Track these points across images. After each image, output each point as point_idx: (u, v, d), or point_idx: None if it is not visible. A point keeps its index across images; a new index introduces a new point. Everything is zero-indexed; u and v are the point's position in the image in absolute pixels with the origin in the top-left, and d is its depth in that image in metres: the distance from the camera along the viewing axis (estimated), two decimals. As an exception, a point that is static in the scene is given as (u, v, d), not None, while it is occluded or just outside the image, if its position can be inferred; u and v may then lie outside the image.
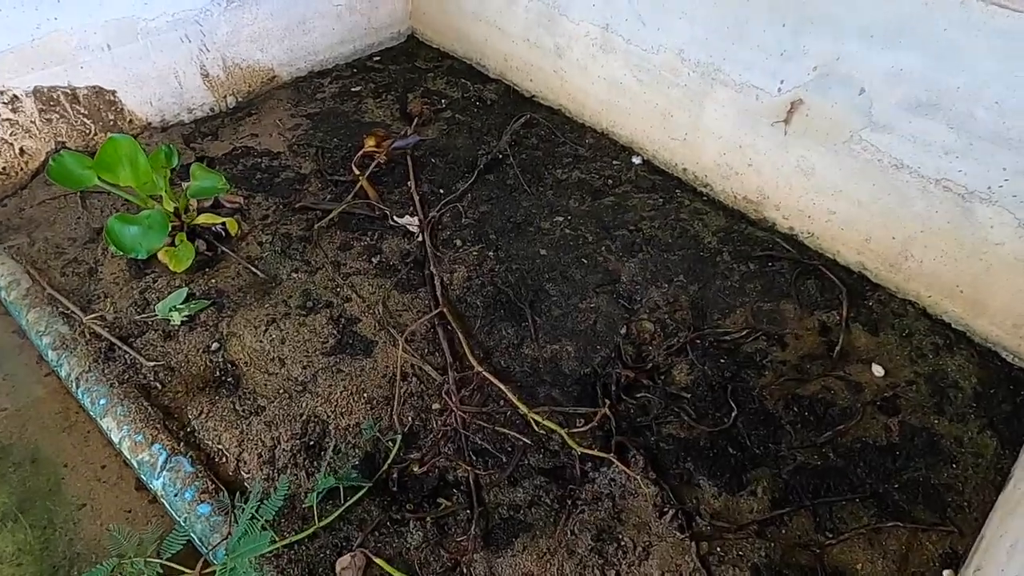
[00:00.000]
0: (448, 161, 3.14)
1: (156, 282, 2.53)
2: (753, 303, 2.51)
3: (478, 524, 1.88)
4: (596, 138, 3.29)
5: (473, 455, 2.05)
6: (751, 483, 2.00)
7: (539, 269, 2.63)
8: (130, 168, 2.40)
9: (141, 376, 2.24)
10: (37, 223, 2.74)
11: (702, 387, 2.23)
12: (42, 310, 2.40)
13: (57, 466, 2.10)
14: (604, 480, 2.00)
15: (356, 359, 2.30)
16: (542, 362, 2.31)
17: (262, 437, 2.07)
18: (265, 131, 3.28)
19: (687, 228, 2.81)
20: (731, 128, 2.73)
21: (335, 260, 2.65)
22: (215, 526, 1.87)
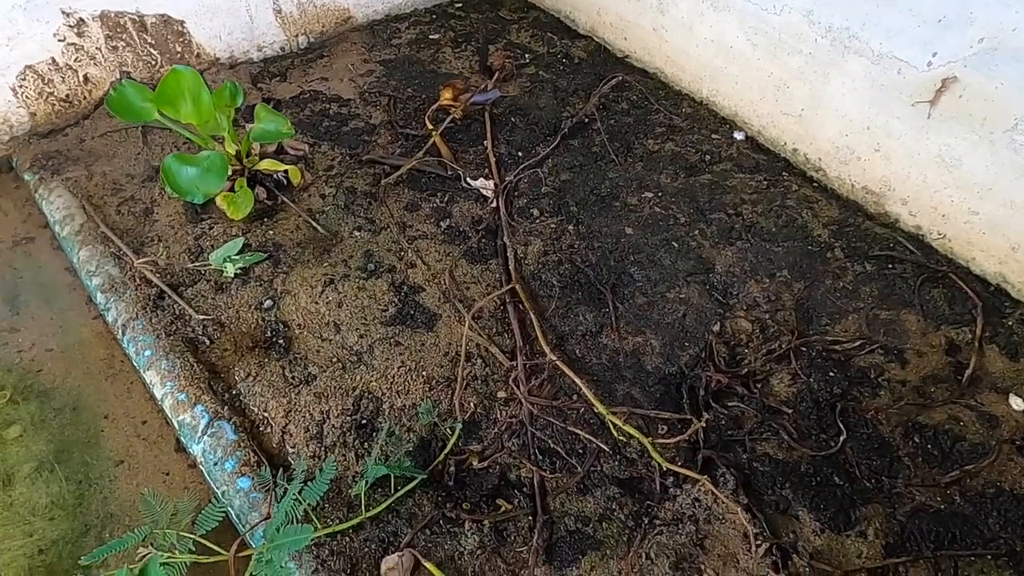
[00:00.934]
0: (529, 122, 2.86)
1: (212, 229, 2.37)
2: (869, 309, 2.19)
3: (541, 534, 1.67)
4: (694, 107, 2.96)
5: (539, 454, 1.83)
6: (860, 522, 1.72)
7: (623, 249, 2.36)
8: (192, 104, 2.21)
9: (189, 329, 2.08)
10: (96, 156, 2.61)
11: (806, 402, 1.94)
12: (94, 249, 2.27)
13: (97, 417, 1.98)
14: (687, 499, 1.75)
15: (417, 332, 2.09)
16: (622, 355, 2.06)
17: (311, 409, 1.89)
18: (336, 75, 3.07)
19: (794, 217, 2.48)
20: (860, 106, 2.36)
21: (401, 221, 2.43)
22: (254, 503, 1.70)
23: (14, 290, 2.27)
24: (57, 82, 2.64)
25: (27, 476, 1.84)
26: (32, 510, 1.78)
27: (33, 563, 1.69)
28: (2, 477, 1.84)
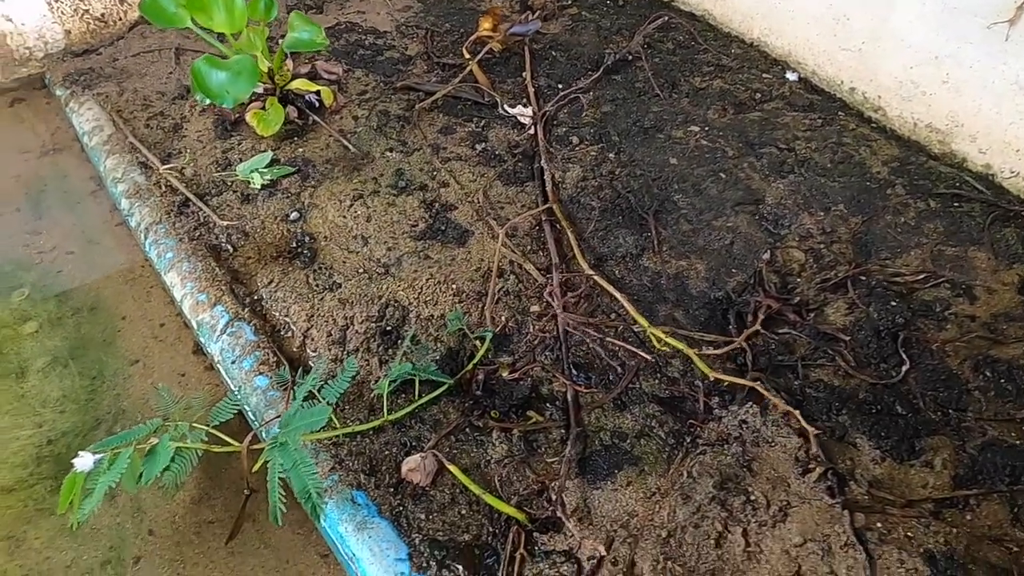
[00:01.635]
0: (570, 57, 2.75)
1: (241, 144, 2.30)
2: (933, 245, 2.03)
3: (574, 446, 1.54)
4: (743, 49, 2.82)
5: (574, 369, 1.71)
6: (926, 452, 1.56)
7: (667, 178, 2.23)
8: (225, 11, 2.15)
9: (212, 236, 2.01)
10: (128, 74, 2.56)
11: (865, 331, 1.79)
12: (121, 157, 2.22)
13: (115, 318, 1.91)
14: (732, 420, 1.61)
15: (447, 247, 1.99)
16: (665, 278, 1.93)
17: (334, 315, 1.80)
18: (373, 9, 2.99)
19: (850, 153, 2.32)
20: (928, 33, 2.20)
21: (435, 143, 2.33)
22: (271, 402, 1.61)
23: (39, 196, 2.23)
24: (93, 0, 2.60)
25: (40, 370, 1.78)
26: (43, 402, 1.71)
27: (41, 452, 1.62)
28: (15, 369, 1.77)
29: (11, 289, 1.95)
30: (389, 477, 1.50)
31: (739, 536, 1.42)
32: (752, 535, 1.43)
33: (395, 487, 1.49)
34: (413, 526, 1.43)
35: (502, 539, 1.41)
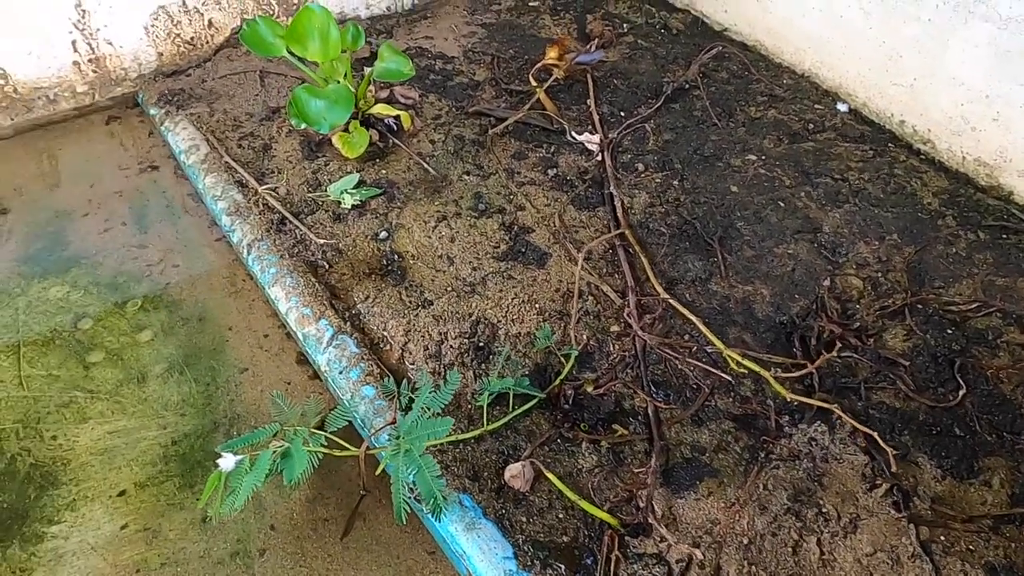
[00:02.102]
0: (631, 85, 2.90)
1: (328, 165, 2.46)
2: (984, 275, 2.15)
3: (658, 458, 1.68)
4: (795, 79, 2.95)
5: (653, 386, 1.85)
6: (983, 472, 1.69)
7: (729, 205, 2.36)
8: (320, 41, 2.30)
9: (310, 253, 2.17)
10: (217, 95, 2.73)
11: (923, 357, 1.92)
12: (219, 176, 2.38)
13: (222, 328, 2.07)
14: (802, 438, 1.75)
15: (528, 268, 2.13)
16: (732, 302, 2.07)
17: (429, 330, 1.95)
18: (440, 35, 3.15)
19: (902, 185, 2.45)
20: (981, 74, 2.33)
21: (509, 168, 2.48)
22: (379, 410, 1.76)
23: (141, 211, 2.39)
24: (184, 24, 2.77)
25: (159, 376, 1.94)
26: (165, 405, 1.87)
27: (168, 452, 1.78)
28: (137, 375, 1.93)
29: (125, 300, 2.12)
30: (491, 482, 1.64)
31: (814, 545, 1.56)
32: (826, 544, 1.56)
33: (497, 492, 1.63)
34: (516, 528, 1.57)
35: (597, 542, 1.56)
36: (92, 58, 2.63)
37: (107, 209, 2.39)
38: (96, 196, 2.43)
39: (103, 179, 2.50)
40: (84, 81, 2.67)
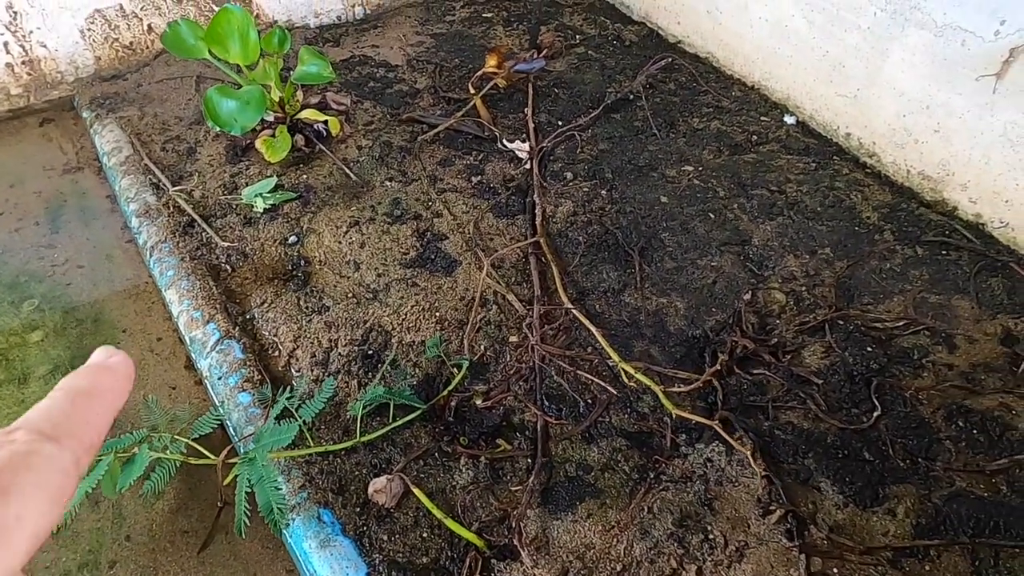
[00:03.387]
0: (573, 95, 2.83)
1: (249, 169, 2.41)
2: (917, 292, 2.03)
3: (538, 476, 1.58)
4: (744, 91, 2.87)
5: (546, 400, 1.75)
6: (889, 499, 1.57)
7: (656, 216, 2.27)
8: (240, 43, 2.27)
9: (214, 256, 2.11)
10: (150, 99, 2.71)
11: (839, 376, 1.80)
12: (135, 178, 2.34)
13: (116, 330, 2.01)
14: (698, 459, 1.63)
15: (435, 276, 2.05)
16: (644, 314, 1.97)
17: (319, 337, 1.87)
18: (387, 44, 3.12)
19: (842, 198, 2.35)
20: (919, 83, 2.24)
21: (433, 174, 2.42)
22: (251, 418, 1.68)
23: (57, 211, 2.36)
24: (123, 29, 2.76)
25: (41, 377, 1.88)
26: (41, 408, 1.80)
27: (34, 456, 1.70)
28: (19, 375, 1.87)
29: (23, 299, 2.07)
30: (357, 497, 1.55)
31: (693, 574, 1.44)
32: (707, 573, 1.44)
33: (361, 507, 1.53)
34: (375, 546, 1.48)
35: (459, 564, 1.45)
36: (25, 60, 2.63)
37: (22, 209, 2.35)
38: (14, 196, 2.40)
39: (25, 180, 2.47)
40: (18, 84, 2.67)
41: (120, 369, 0.32)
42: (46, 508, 0.27)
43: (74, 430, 0.29)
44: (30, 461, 0.27)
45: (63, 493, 0.27)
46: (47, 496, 0.27)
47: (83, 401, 0.31)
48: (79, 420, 0.30)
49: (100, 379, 0.32)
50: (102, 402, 0.31)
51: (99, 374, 0.33)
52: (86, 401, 0.31)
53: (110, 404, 0.31)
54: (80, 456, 0.29)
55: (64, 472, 0.28)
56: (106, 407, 0.31)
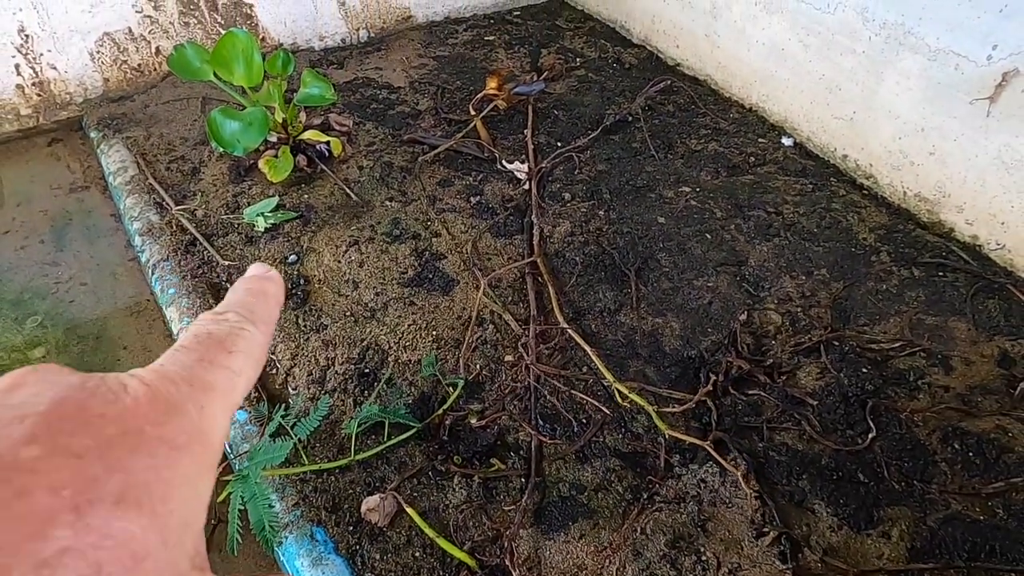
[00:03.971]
0: (572, 116, 2.87)
1: (251, 189, 2.45)
2: (913, 314, 2.04)
3: (532, 496, 1.58)
4: (742, 113, 2.90)
5: (540, 419, 1.75)
6: (884, 522, 1.56)
7: (653, 236, 2.29)
8: (244, 66, 2.32)
9: (214, 274, 2.13)
10: (157, 120, 2.76)
11: (834, 397, 1.80)
12: (139, 197, 2.38)
13: (116, 347, 2.03)
14: (692, 479, 1.63)
15: (432, 295, 2.07)
16: (640, 334, 1.98)
17: (317, 355, 1.89)
18: (390, 66, 3.17)
19: (838, 219, 2.36)
20: (914, 106, 2.26)
21: (432, 194, 2.45)
22: (247, 435, 1.69)
23: (63, 229, 2.39)
24: (131, 51, 2.82)
25: (42, 393, 1.89)
26: (41, 424, 1.82)
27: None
28: (19, 392, 1.89)
29: (26, 316, 2.09)
30: (350, 516, 1.55)
31: (686, 596, 1.43)
32: (699, 596, 1.44)
33: (355, 526, 1.54)
34: (367, 565, 1.48)
35: (451, 584, 1.45)
36: (36, 82, 2.69)
37: (29, 227, 2.39)
38: (21, 214, 2.44)
39: (33, 198, 2.51)
40: (28, 104, 2.72)
41: (277, 278, 0.41)
42: (252, 374, 0.34)
43: (262, 318, 0.37)
44: (243, 334, 0.35)
45: (260, 365, 0.36)
46: (253, 363, 0.35)
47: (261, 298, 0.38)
48: (263, 311, 0.38)
49: (266, 284, 0.40)
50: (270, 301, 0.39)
51: (264, 281, 0.40)
52: (263, 299, 0.38)
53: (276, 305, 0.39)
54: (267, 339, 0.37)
55: (262, 347, 0.36)
56: (273, 306, 0.39)
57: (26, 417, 0.25)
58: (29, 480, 0.23)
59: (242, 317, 0.36)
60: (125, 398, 0.28)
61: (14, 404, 0.26)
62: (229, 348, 0.33)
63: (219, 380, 0.32)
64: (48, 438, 0.25)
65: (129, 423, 0.27)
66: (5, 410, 0.26)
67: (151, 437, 0.27)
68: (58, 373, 0.28)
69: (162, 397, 0.29)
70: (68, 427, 0.25)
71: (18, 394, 0.27)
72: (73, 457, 0.24)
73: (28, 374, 0.28)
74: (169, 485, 0.27)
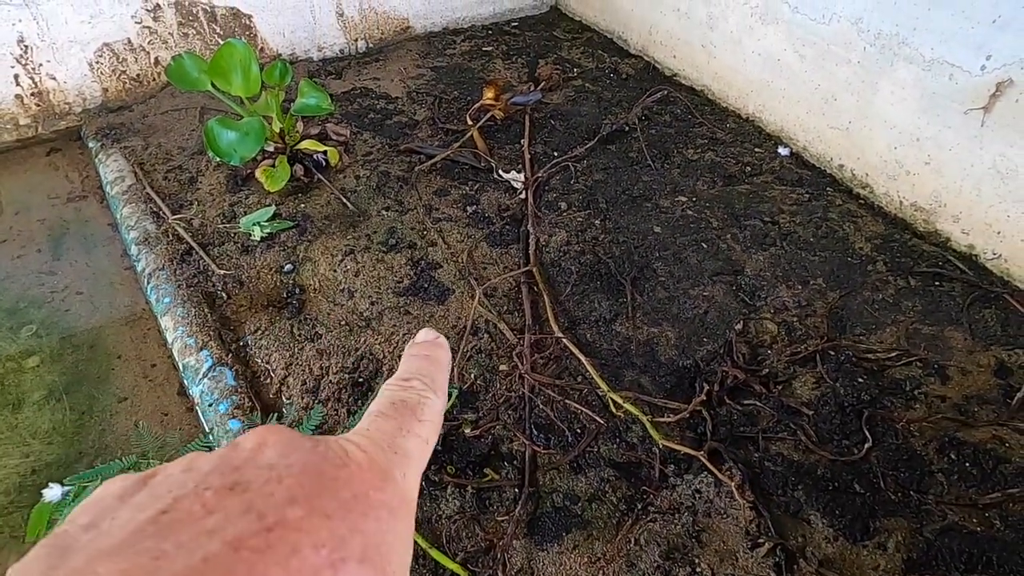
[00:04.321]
0: (569, 126, 2.88)
1: (248, 198, 2.45)
2: (909, 323, 2.03)
3: (525, 506, 1.57)
4: (739, 123, 2.91)
5: (535, 429, 1.75)
6: (880, 533, 1.55)
7: (649, 246, 2.29)
8: (242, 76, 2.33)
9: (210, 284, 2.13)
10: (155, 130, 2.77)
11: (829, 406, 1.80)
12: (136, 206, 2.38)
13: (111, 356, 2.03)
14: (687, 490, 1.62)
15: (428, 304, 2.07)
16: (635, 344, 1.97)
17: (311, 364, 1.88)
18: (388, 76, 3.18)
19: (835, 229, 2.36)
20: (909, 116, 2.26)
21: (429, 204, 2.45)
22: (240, 445, 1.68)
23: (60, 239, 2.40)
24: (130, 62, 2.84)
25: (36, 402, 1.89)
26: (33, 433, 1.82)
27: (25, 482, 1.71)
28: (13, 400, 1.89)
29: (21, 325, 2.09)
30: (342, 526, 1.54)
31: (680, 608, 1.42)
32: (693, 608, 1.42)
33: (346, 536, 1.53)
34: (359, 576, 1.46)
35: (444, 595, 1.44)
36: (35, 92, 2.70)
37: (26, 236, 2.39)
38: (19, 224, 2.45)
39: (30, 207, 2.52)
40: (27, 114, 2.73)
41: (446, 345, 0.43)
42: (434, 439, 0.37)
43: (439, 387, 0.40)
44: (428, 403, 0.38)
45: (438, 431, 0.38)
46: (436, 430, 0.38)
47: (436, 366, 0.41)
48: (440, 380, 0.40)
49: (438, 352, 0.42)
50: (444, 369, 0.41)
51: (435, 348, 0.42)
52: (438, 367, 0.41)
53: (447, 371, 0.42)
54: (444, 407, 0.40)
55: (441, 415, 0.39)
56: (445, 373, 0.41)
57: (283, 479, 0.29)
58: (297, 538, 0.26)
59: (426, 386, 0.39)
60: (350, 463, 0.31)
61: (266, 464, 0.30)
62: (420, 417, 0.37)
63: (414, 448, 0.35)
64: (306, 500, 0.28)
65: (357, 487, 0.30)
66: (261, 470, 0.29)
67: (376, 502, 0.30)
68: (291, 434, 0.32)
69: (377, 464, 0.32)
70: (317, 490, 0.29)
71: (265, 454, 0.30)
72: (325, 518, 0.28)
73: (267, 434, 0.32)
74: (391, 546, 0.30)
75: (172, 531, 0.26)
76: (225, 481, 0.28)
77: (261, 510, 0.27)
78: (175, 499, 0.27)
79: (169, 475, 0.30)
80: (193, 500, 0.27)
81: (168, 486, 0.29)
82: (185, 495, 0.28)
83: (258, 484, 0.28)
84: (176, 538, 0.25)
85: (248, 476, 0.29)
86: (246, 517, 0.26)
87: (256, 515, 0.27)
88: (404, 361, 0.41)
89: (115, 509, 0.28)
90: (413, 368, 0.40)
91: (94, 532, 0.27)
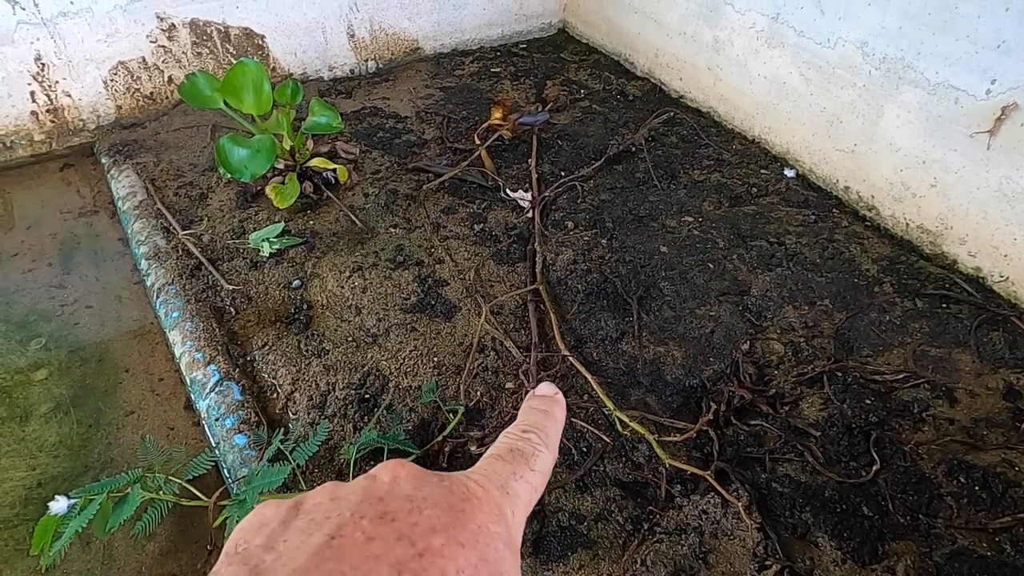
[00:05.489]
0: (576, 146, 2.90)
1: (258, 215, 2.47)
2: (916, 345, 2.03)
3: (530, 526, 1.56)
4: (745, 145, 2.93)
5: (541, 447, 1.74)
6: (889, 556, 1.53)
7: (656, 265, 2.30)
8: (254, 95, 2.36)
9: (219, 299, 2.15)
10: (167, 146, 2.80)
11: (837, 428, 1.79)
12: (147, 222, 2.41)
13: (119, 370, 2.03)
14: (693, 510, 1.61)
15: (434, 321, 2.08)
16: (641, 363, 1.97)
17: (318, 380, 1.89)
18: (397, 96, 3.22)
19: (841, 250, 2.37)
20: (915, 139, 2.28)
21: (436, 222, 2.47)
22: (246, 460, 1.68)
23: (70, 253, 2.42)
24: (144, 80, 2.88)
25: (43, 415, 1.90)
26: (40, 446, 1.82)
27: (30, 494, 1.71)
28: (21, 413, 1.90)
29: (31, 338, 2.11)
30: (347, 543, 1.54)
31: (686, 631, 1.41)
32: (700, 631, 1.41)
33: (351, 553, 1.52)
34: (363, 594, 1.45)
35: (448, 614, 1.42)
36: (50, 109, 2.74)
37: (37, 250, 2.42)
38: (31, 237, 2.47)
39: (42, 222, 2.55)
40: (42, 130, 2.78)
41: (562, 401, 0.46)
42: (541, 489, 0.41)
43: (552, 442, 0.43)
44: (541, 455, 0.41)
45: (545, 482, 0.41)
46: (544, 480, 0.41)
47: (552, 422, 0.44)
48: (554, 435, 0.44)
49: (555, 409, 0.46)
50: (558, 425, 0.45)
51: (553, 404, 0.46)
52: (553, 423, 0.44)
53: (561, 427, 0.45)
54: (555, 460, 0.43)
55: (550, 467, 0.42)
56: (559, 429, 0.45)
57: (423, 509, 0.32)
58: (443, 564, 0.30)
59: (540, 440, 0.42)
60: (472, 498, 0.35)
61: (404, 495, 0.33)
62: (532, 467, 0.40)
63: (524, 492, 0.39)
64: (444, 530, 0.32)
65: (479, 520, 0.34)
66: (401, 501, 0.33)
67: (494, 534, 0.34)
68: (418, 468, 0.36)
69: (493, 501, 0.36)
70: (451, 520, 0.32)
71: (402, 486, 0.34)
72: (460, 546, 0.31)
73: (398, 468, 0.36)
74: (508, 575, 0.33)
75: (345, 555, 0.29)
76: (375, 511, 0.32)
77: (411, 538, 0.30)
78: (338, 526, 0.31)
79: (318, 503, 0.33)
80: (354, 528, 0.31)
81: (324, 512, 0.32)
82: (345, 523, 0.31)
83: (403, 514, 0.32)
84: (350, 561, 0.29)
85: (392, 507, 0.32)
86: (400, 544, 0.30)
87: (408, 542, 0.30)
88: (524, 412, 0.45)
89: (282, 533, 0.31)
90: (531, 421, 0.44)
91: (274, 553, 0.30)
